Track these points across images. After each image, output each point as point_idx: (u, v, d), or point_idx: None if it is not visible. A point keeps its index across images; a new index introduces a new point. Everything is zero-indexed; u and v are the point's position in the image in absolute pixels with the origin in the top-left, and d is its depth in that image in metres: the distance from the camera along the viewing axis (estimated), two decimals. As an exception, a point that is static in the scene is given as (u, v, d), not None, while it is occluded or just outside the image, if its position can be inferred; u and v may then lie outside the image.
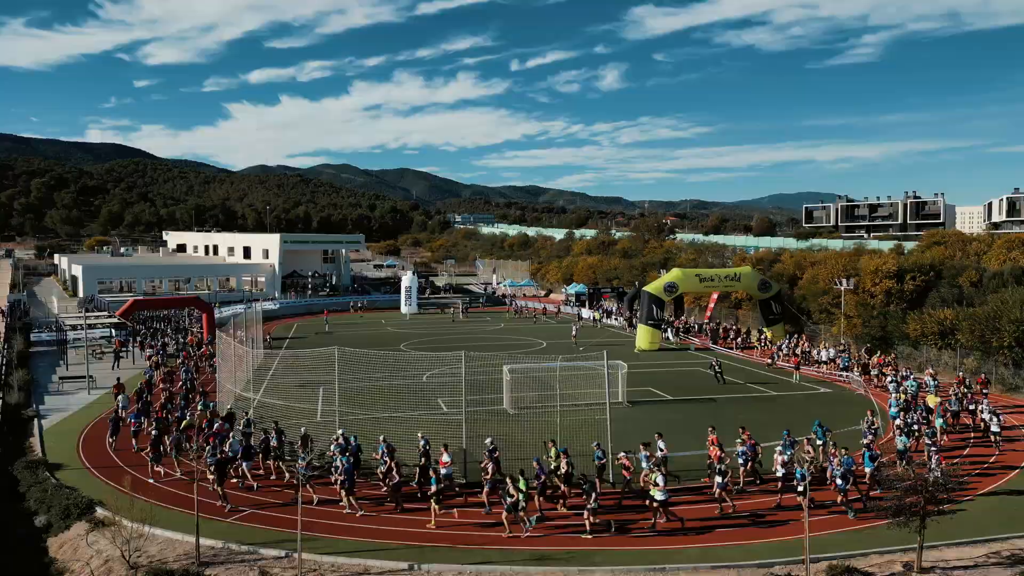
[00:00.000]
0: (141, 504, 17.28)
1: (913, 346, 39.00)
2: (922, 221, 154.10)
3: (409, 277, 70.79)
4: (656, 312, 46.66)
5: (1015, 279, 39.62)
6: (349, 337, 54.04)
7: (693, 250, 75.63)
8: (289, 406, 29.30)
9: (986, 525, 17.78)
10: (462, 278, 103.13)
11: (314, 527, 17.70)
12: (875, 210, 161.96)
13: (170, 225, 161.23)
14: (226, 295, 73.80)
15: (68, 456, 24.27)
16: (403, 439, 22.38)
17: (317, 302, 75.61)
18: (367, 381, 31.17)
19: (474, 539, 17.42)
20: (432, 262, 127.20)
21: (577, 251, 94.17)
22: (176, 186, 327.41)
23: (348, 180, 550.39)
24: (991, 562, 16.13)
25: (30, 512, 19.95)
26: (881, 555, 16.44)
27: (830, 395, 33.71)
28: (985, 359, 35.16)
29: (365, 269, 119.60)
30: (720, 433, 21.92)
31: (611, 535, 17.46)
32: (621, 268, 75.99)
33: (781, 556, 16.27)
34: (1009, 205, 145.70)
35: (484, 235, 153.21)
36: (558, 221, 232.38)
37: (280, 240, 78.54)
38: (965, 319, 36.35)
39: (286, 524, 18.25)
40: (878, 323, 41.49)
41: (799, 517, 17.75)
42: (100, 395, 33.88)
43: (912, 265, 43.46)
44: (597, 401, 28.95)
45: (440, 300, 77.16)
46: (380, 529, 18.02)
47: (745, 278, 48.18)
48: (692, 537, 17.38)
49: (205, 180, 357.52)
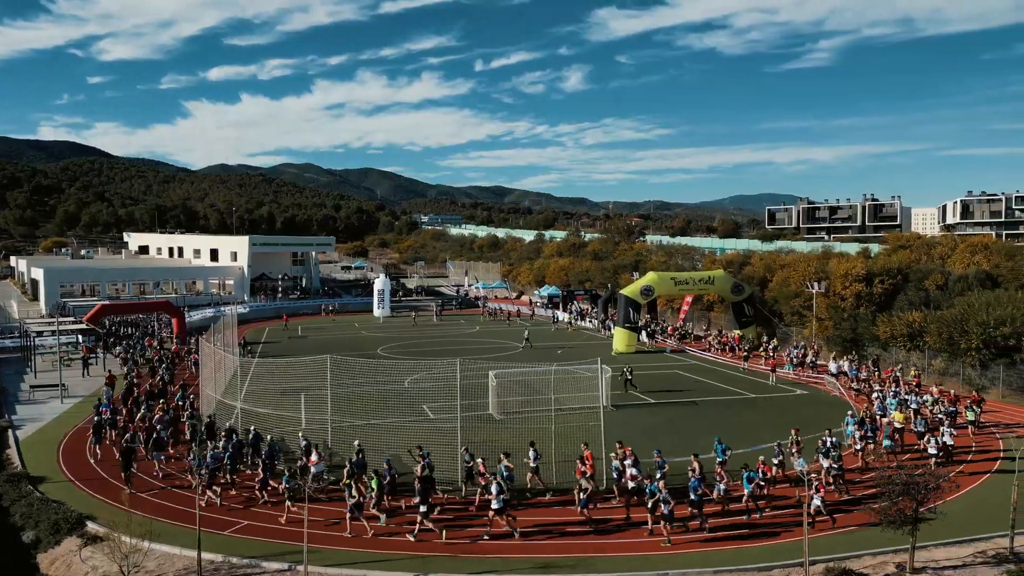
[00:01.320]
0: (139, 518, 17.01)
1: (883, 348, 40.09)
2: (880, 223, 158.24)
3: (382, 280, 70.38)
4: (632, 315, 47.18)
5: (979, 282, 40.98)
6: (323, 342, 53.57)
7: (663, 252, 76.51)
8: (272, 414, 29.02)
9: (968, 525, 18.41)
10: (433, 280, 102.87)
11: (315, 539, 17.55)
12: (835, 212, 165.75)
13: (129, 226, 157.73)
14: (194, 299, 72.53)
15: (49, 468, 23.71)
16: (395, 448, 22.36)
17: (287, 305, 74.78)
18: (351, 388, 30.93)
19: (473, 548, 17.49)
20: (401, 263, 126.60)
21: (548, 253, 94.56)
22: (134, 185, 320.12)
23: (311, 180, 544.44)
24: (978, 561, 16.74)
25: (16, 527, 19.48)
26: (874, 556, 16.95)
27: (806, 397, 34.49)
28: (952, 360, 36.31)
29: (333, 271, 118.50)
30: (697, 436, 22.31)
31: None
32: (593, 270, 76.54)
33: (775, 560, 16.65)
34: (963, 207, 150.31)
35: (453, 236, 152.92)
36: (524, 222, 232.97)
37: (249, 242, 77.41)
38: (933, 321, 37.48)
39: (284, 536, 18.15)
40: (849, 325, 42.54)
41: (790, 521, 18.25)
42: (74, 404, 33.15)
43: (880, 269, 44.67)
44: (585, 405, 29.29)
45: (414, 303, 76.92)
46: (381, 540, 17.99)
47: (719, 281, 48.99)
48: (690, 543, 17.70)
49: (164, 179, 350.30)
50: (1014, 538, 17.21)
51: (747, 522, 18.79)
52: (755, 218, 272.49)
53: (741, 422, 29.34)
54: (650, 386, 36.15)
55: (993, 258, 43.97)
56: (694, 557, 16.88)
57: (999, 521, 18.43)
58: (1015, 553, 16.95)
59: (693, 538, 17.90)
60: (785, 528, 18.44)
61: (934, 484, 16.17)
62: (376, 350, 48.82)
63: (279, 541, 17.88)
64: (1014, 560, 16.68)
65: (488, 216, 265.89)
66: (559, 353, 47.12)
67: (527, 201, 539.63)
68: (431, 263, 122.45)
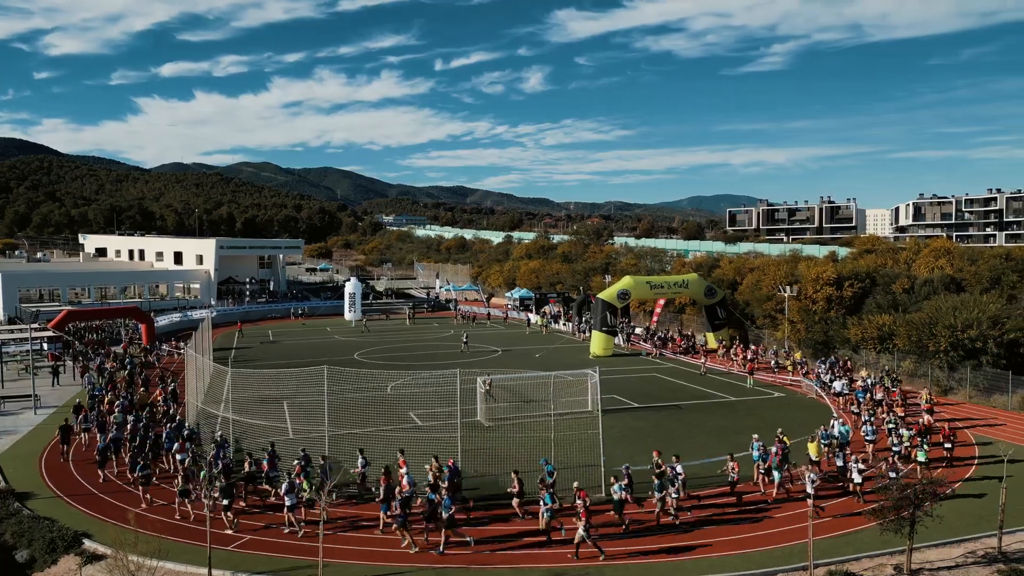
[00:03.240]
0: (146, 537, 16.73)
1: (853, 350, 41.25)
2: (836, 224, 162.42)
3: (353, 283, 69.78)
4: (610, 319, 47.71)
5: (944, 286, 42.43)
6: (295, 347, 53.03)
7: (633, 255, 77.38)
8: (260, 424, 28.69)
9: (956, 526, 19.15)
10: (401, 282, 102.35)
11: (323, 553, 17.45)
12: (794, 214, 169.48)
13: (83, 226, 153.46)
14: (159, 303, 71.06)
15: (34, 484, 23.13)
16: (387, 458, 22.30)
17: (255, 309, 73.75)
18: (335, 395, 30.74)
19: (480, 558, 17.61)
20: (367, 265, 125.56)
21: (517, 255, 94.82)
22: (85, 184, 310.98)
23: (269, 179, 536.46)
24: (970, 562, 17.44)
25: (8, 546, 18.98)
26: (871, 559, 17.53)
27: (784, 399, 35.32)
28: (921, 362, 37.56)
29: (298, 273, 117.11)
30: (687, 440, 22.79)
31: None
32: (564, 273, 77.06)
33: (779, 564, 17.11)
34: (915, 210, 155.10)
35: (419, 237, 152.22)
36: (489, 223, 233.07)
37: (216, 245, 76.07)
38: (902, 325, 38.69)
39: (290, 550, 18.03)
40: (820, 328, 43.68)
41: (795, 523, 18.80)
42: (49, 415, 32.32)
43: (850, 273, 45.91)
44: (575, 411, 29.62)
45: (384, 306, 76.50)
46: (392, 552, 17.97)
47: (693, 285, 49.81)
48: (691, 546, 18.08)
49: (117, 178, 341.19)
50: (1002, 538, 17.97)
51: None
52: (713, 219, 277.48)
53: (734, 425, 29.93)
54: (633, 390, 36.63)
55: (956, 262, 45.58)
56: (702, 563, 17.26)
57: (986, 521, 19.23)
58: (1003, 553, 17.71)
59: (699, 542, 18.29)
60: (784, 528, 18.97)
61: (932, 489, 16.79)
62: (352, 355, 48.49)
63: (286, 556, 17.76)
64: (1003, 560, 17.42)
65: (452, 217, 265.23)
66: (537, 357, 47.48)
67: (489, 201, 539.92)
68: (398, 265, 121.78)
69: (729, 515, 20.23)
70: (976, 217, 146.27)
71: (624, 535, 18.80)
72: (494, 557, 17.67)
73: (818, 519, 18.86)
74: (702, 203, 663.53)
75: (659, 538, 18.68)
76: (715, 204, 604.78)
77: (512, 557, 17.65)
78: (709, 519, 19.93)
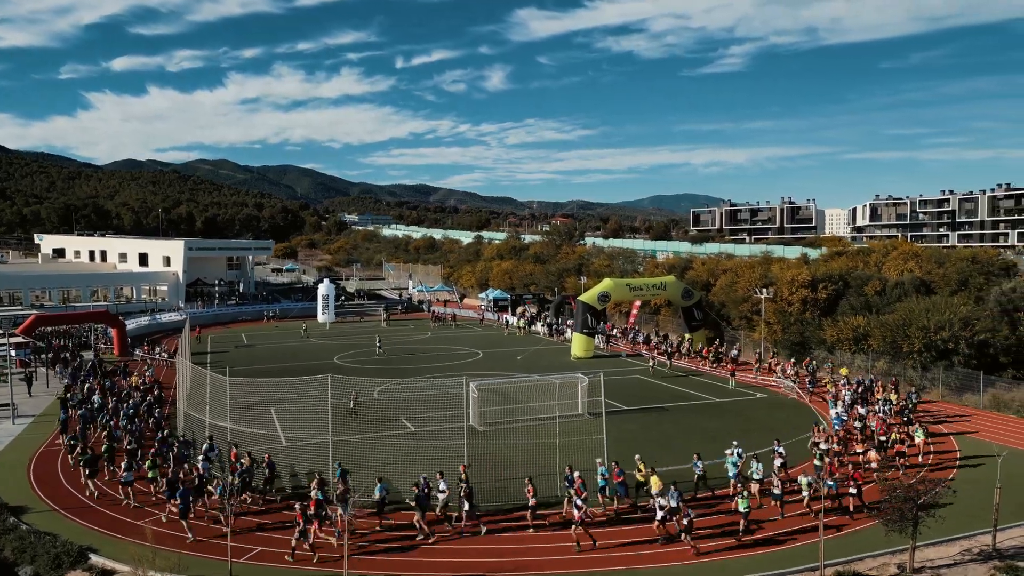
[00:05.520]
0: (164, 553, 16.53)
1: (829, 351, 42.37)
2: (797, 224, 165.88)
3: (327, 285, 69.19)
4: (590, 321, 48.18)
5: (915, 289, 43.82)
6: (272, 351, 52.43)
7: (605, 256, 78.07)
8: (256, 433, 28.38)
9: (951, 525, 19.86)
10: (371, 283, 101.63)
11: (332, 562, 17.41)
12: (756, 214, 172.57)
13: (36, 226, 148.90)
14: (125, 306, 69.47)
15: (26, 497, 22.57)
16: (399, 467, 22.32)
17: (226, 311, 72.62)
18: (326, 402, 30.51)
19: (495, 565, 17.76)
20: (334, 265, 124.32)
21: (488, 255, 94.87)
22: (36, 181, 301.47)
23: (228, 177, 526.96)
24: (967, 559, 18.17)
25: (9, 563, 18.53)
26: (875, 558, 18.14)
27: (767, 400, 36.12)
28: (894, 362, 38.76)
29: (264, 273, 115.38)
30: (680, 443, 23.21)
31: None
32: (537, 274, 77.38)
33: (787, 566, 17.61)
34: (871, 211, 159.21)
35: (386, 237, 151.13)
36: (454, 222, 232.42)
37: (184, 247, 74.62)
38: (877, 326, 39.87)
39: (305, 562, 17.95)
40: (796, 329, 44.74)
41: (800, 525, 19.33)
42: (28, 424, 31.54)
43: (824, 275, 47.10)
44: (566, 414, 29.85)
45: (358, 308, 75.98)
46: (409, 561, 18.01)
47: (670, 287, 50.55)
48: (701, 552, 18.50)
49: (69, 175, 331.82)
50: (996, 535, 18.76)
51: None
52: (674, 218, 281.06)
53: (726, 427, 30.51)
54: (618, 393, 37.05)
55: (924, 264, 47.10)
56: (713, 566, 17.67)
57: (977, 519, 20.00)
58: (998, 550, 18.48)
59: (716, 546, 18.70)
60: (789, 535, 19.50)
61: (934, 488, 17.45)
62: (332, 359, 48.13)
63: (301, 568, 17.67)
64: (998, 556, 18.20)
65: (418, 216, 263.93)
66: (519, 359, 47.69)
67: (453, 200, 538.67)
68: (366, 265, 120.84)
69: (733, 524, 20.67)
70: (930, 218, 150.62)
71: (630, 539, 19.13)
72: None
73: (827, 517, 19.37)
74: (663, 202, 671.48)
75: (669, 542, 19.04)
76: (676, 203, 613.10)
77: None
78: (715, 524, 20.36)
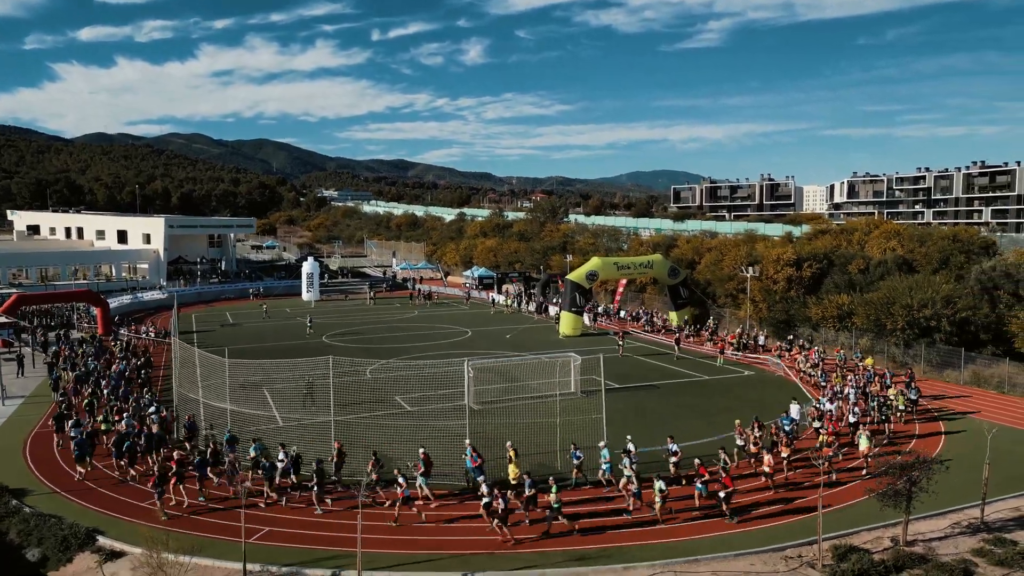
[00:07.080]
0: (175, 533, 16.66)
1: (814, 328, 43.17)
2: (776, 201, 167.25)
3: (311, 263, 68.81)
4: (579, 299, 48.55)
5: (897, 267, 44.64)
6: (259, 330, 52.25)
7: (590, 233, 78.37)
8: (254, 414, 28.43)
9: (940, 499, 20.52)
10: (353, 260, 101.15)
11: (348, 542, 17.56)
12: (735, 191, 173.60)
13: (7, 201, 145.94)
14: (106, 284, 68.58)
15: (26, 479, 22.51)
16: (399, 445, 22.53)
17: (209, 290, 72.04)
18: (321, 381, 30.59)
19: (499, 544, 18.10)
20: (315, 242, 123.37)
21: (471, 233, 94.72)
22: (4, 155, 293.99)
23: (202, 151, 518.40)
24: (956, 532, 18.85)
25: (15, 545, 18.55)
26: (869, 532, 18.77)
27: (754, 377, 36.79)
28: (877, 339, 39.62)
29: (243, 251, 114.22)
30: (676, 421, 23.72)
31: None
32: (521, 251, 77.49)
33: (786, 540, 18.17)
34: (849, 187, 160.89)
35: (367, 214, 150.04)
36: (433, 197, 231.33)
37: (165, 224, 73.70)
38: (861, 304, 40.66)
39: (314, 541, 18.17)
40: (782, 307, 45.46)
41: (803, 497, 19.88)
42: (17, 406, 31.30)
43: (808, 254, 47.80)
44: (561, 392, 30.19)
45: (343, 286, 75.75)
46: (416, 540, 18.28)
47: (657, 266, 50.99)
48: (699, 527, 19.00)
49: (39, 149, 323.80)
50: (984, 509, 19.47)
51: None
52: (653, 194, 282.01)
53: (716, 405, 31.08)
54: (608, 371, 37.40)
55: (906, 243, 47.94)
56: (715, 541, 18.16)
57: (963, 493, 20.70)
58: (985, 523, 19.20)
59: (712, 521, 19.21)
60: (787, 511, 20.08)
61: (927, 464, 18.05)
62: (321, 338, 48.07)
63: (310, 547, 17.87)
64: (986, 529, 18.91)
65: (397, 192, 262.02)
66: (508, 338, 48.00)
67: (431, 175, 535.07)
68: (348, 242, 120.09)
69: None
70: (906, 195, 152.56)
71: (632, 522, 19.59)
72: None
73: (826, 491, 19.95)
74: (641, 178, 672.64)
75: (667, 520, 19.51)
76: (654, 180, 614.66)
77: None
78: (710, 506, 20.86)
